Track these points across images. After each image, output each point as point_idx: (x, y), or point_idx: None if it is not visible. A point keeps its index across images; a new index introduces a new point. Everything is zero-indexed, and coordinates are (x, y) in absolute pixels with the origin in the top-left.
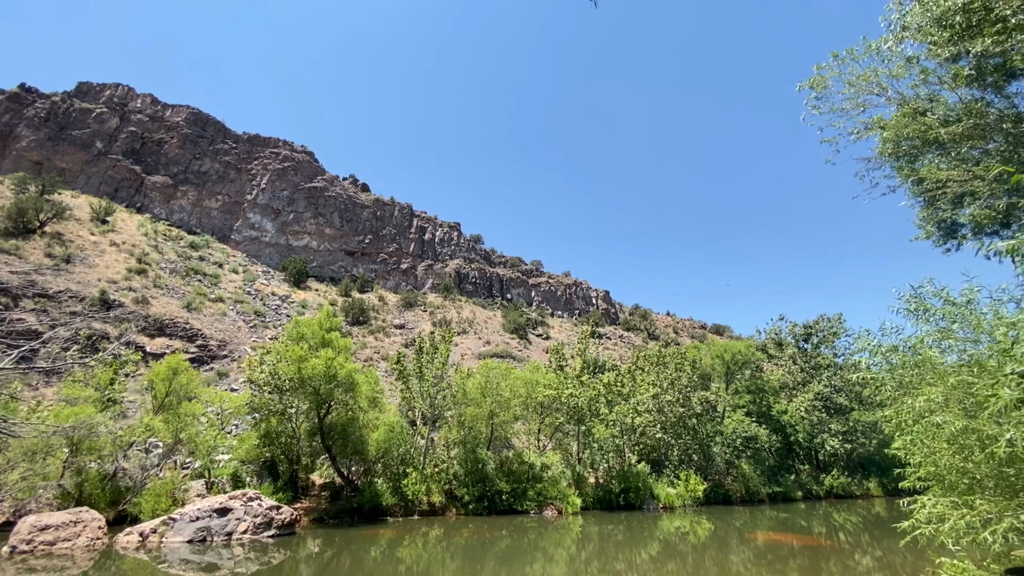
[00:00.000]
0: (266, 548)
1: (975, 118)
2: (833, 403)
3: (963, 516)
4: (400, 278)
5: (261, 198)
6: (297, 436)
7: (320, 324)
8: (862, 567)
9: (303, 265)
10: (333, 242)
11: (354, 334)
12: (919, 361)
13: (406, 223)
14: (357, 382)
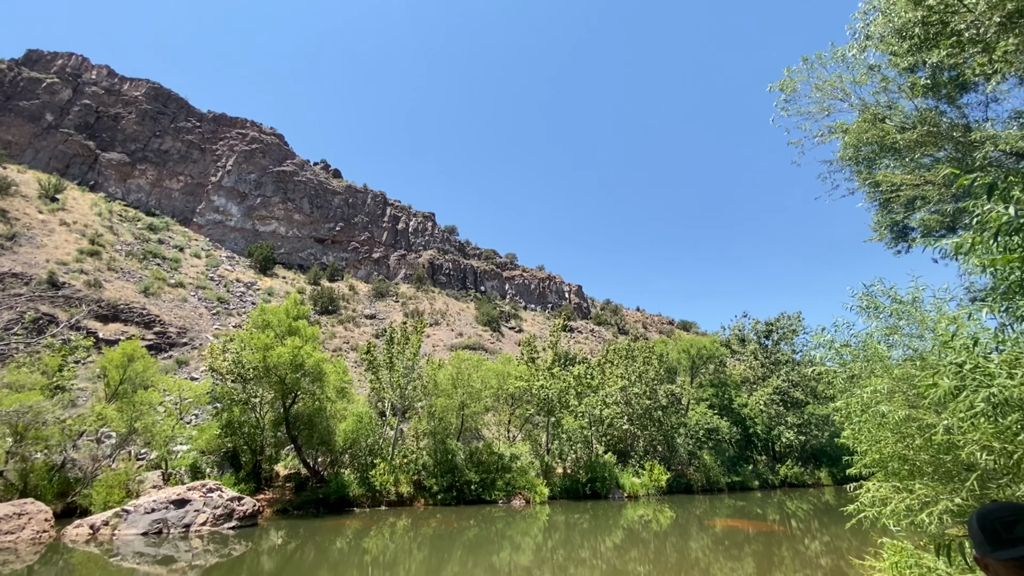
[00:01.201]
0: (227, 540)
1: (928, 126)
2: (790, 397)
3: (903, 500)
4: (372, 267)
5: (226, 180)
6: (261, 426)
7: (287, 312)
8: (811, 551)
9: (270, 251)
10: (302, 228)
11: (323, 323)
12: (868, 355)
13: (379, 211)
14: (325, 372)
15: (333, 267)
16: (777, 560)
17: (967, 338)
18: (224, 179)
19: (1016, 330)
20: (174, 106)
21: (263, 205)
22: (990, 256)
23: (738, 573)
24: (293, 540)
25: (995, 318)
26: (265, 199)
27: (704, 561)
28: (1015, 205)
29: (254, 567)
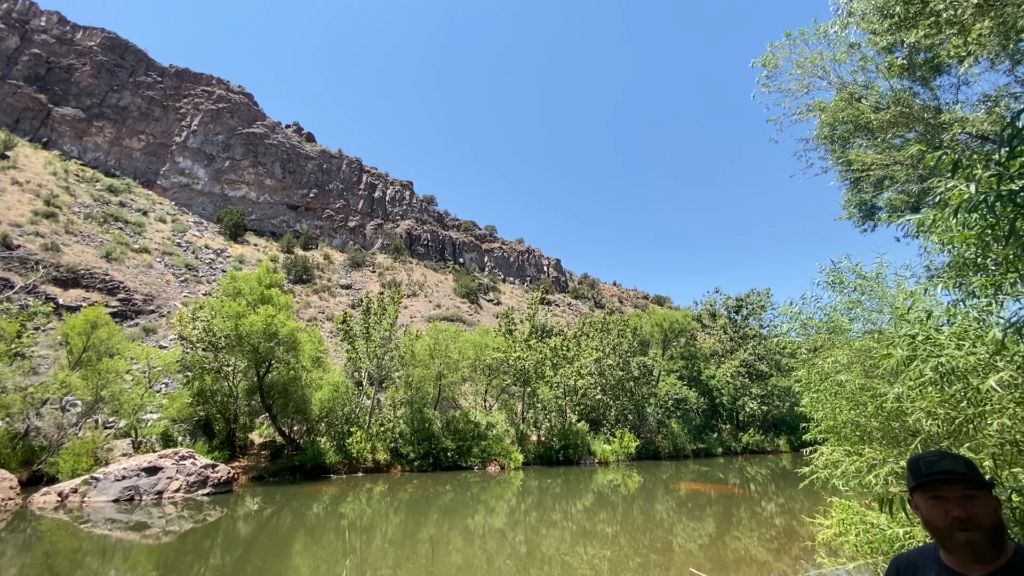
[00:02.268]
0: (201, 506)
1: (902, 107)
2: (755, 370)
3: (853, 463)
4: (347, 236)
5: (192, 141)
6: (234, 395)
7: (259, 280)
8: (767, 512)
9: (240, 217)
10: (274, 194)
11: (297, 293)
12: (831, 328)
13: (355, 178)
14: (300, 341)
15: (307, 235)
16: (735, 520)
17: (921, 312)
18: (189, 140)
19: (967, 305)
20: (132, 59)
21: (232, 169)
22: (949, 233)
23: (699, 533)
24: (269, 506)
25: (949, 294)
26: (234, 162)
27: (668, 522)
28: (976, 183)
29: (230, 532)
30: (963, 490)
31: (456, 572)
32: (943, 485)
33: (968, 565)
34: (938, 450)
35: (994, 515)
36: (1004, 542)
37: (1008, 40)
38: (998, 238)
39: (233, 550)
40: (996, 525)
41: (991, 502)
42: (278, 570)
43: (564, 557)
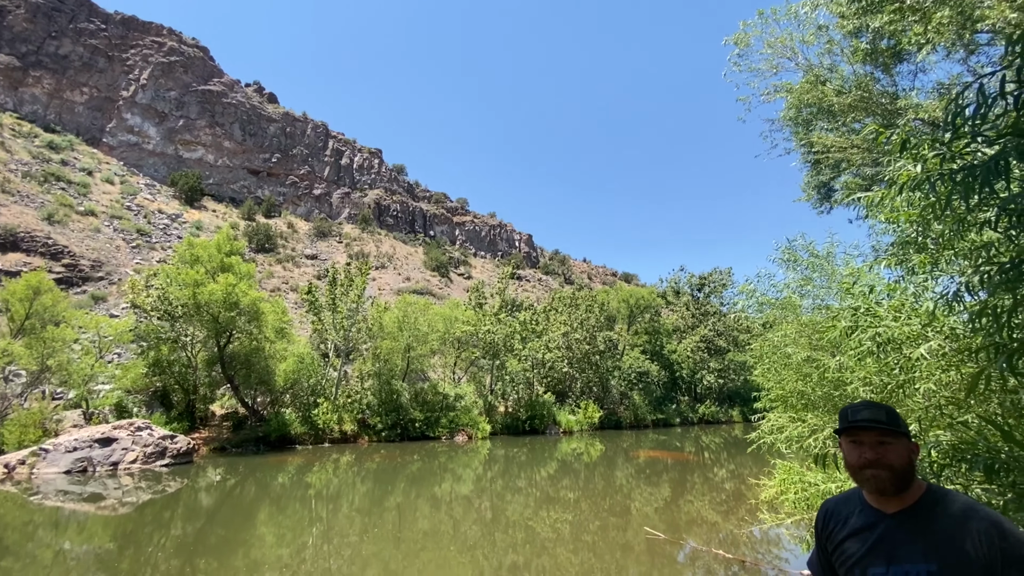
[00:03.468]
0: (160, 477)
1: (862, 91)
2: (714, 345)
3: (797, 428)
4: (313, 204)
5: (141, 96)
6: (193, 365)
7: (219, 247)
8: (719, 477)
9: (197, 181)
10: (234, 157)
11: (259, 262)
12: (783, 303)
13: (320, 144)
14: (262, 311)
15: (270, 202)
16: (689, 485)
17: (864, 286)
18: (138, 95)
19: (906, 281)
20: (73, 2)
21: (186, 128)
22: (895, 213)
23: (655, 497)
24: (232, 476)
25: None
26: (189, 121)
27: (627, 488)
28: (922, 163)
29: (191, 503)
30: (878, 436)
31: (423, 538)
32: (861, 431)
33: (877, 499)
34: (865, 401)
35: (902, 459)
36: (911, 482)
37: (964, 30)
38: (937, 216)
39: (195, 520)
40: (903, 467)
41: (902, 447)
42: (242, 539)
43: (528, 521)
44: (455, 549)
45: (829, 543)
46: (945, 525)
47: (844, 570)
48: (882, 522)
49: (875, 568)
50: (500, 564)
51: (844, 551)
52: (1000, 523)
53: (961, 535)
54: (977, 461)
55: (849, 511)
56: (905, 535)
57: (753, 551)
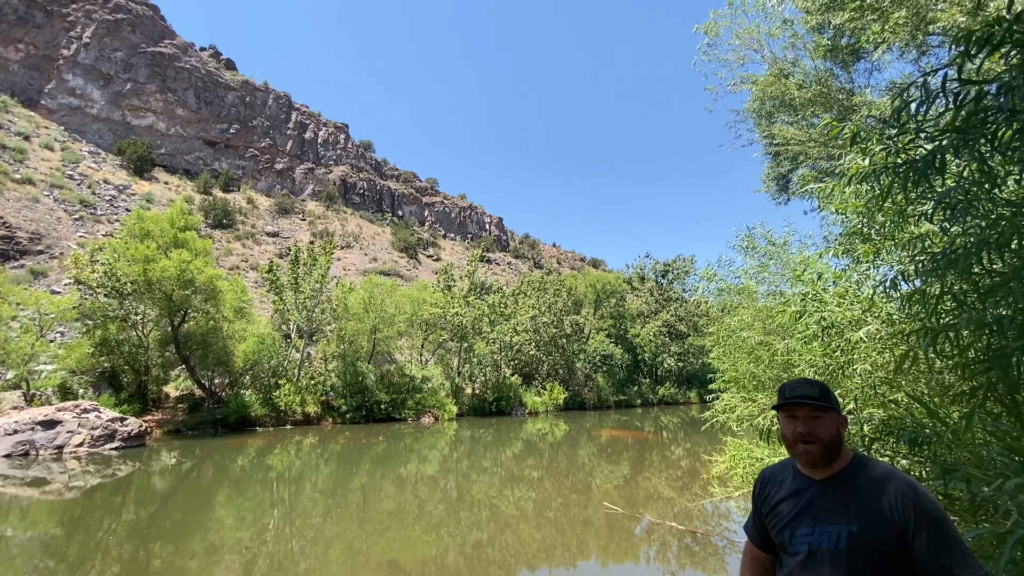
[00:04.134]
0: (109, 461)
1: (821, 86)
2: (675, 330)
3: (747, 408)
4: (274, 180)
5: (84, 56)
6: (145, 345)
7: (172, 221)
8: (675, 454)
9: (147, 150)
10: (188, 127)
11: (216, 238)
12: (740, 289)
13: (283, 116)
14: (220, 289)
15: (228, 175)
16: (648, 463)
17: (813, 273)
18: (81, 54)
19: (851, 269)
20: None
21: (135, 93)
22: (844, 204)
23: (615, 474)
24: (188, 459)
25: (840, 260)
26: (137, 86)
27: (589, 466)
28: (870, 157)
29: (144, 486)
30: (811, 411)
31: (387, 517)
32: (796, 407)
33: (809, 469)
34: (801, 378)
35: (832, 432)
36: (839, 452)
37: (918, 31)
38: (880, 208)
39: (148, 504)
40: (833, 439)
41: (832, 421)
42: (200, 522)
43: (493, 500)
44: (420, 528)
45: (764, 507)
46: (866, 490)
47: (776, 531)
48: (811, 488)
49: (802, 529)
50: (464, 541)
51: (777, 514)
52: (915, 487)
53: (880, 498)
54: (903, 435)
55: (784, 478)
56: (831, 499)
57: (704, 523)
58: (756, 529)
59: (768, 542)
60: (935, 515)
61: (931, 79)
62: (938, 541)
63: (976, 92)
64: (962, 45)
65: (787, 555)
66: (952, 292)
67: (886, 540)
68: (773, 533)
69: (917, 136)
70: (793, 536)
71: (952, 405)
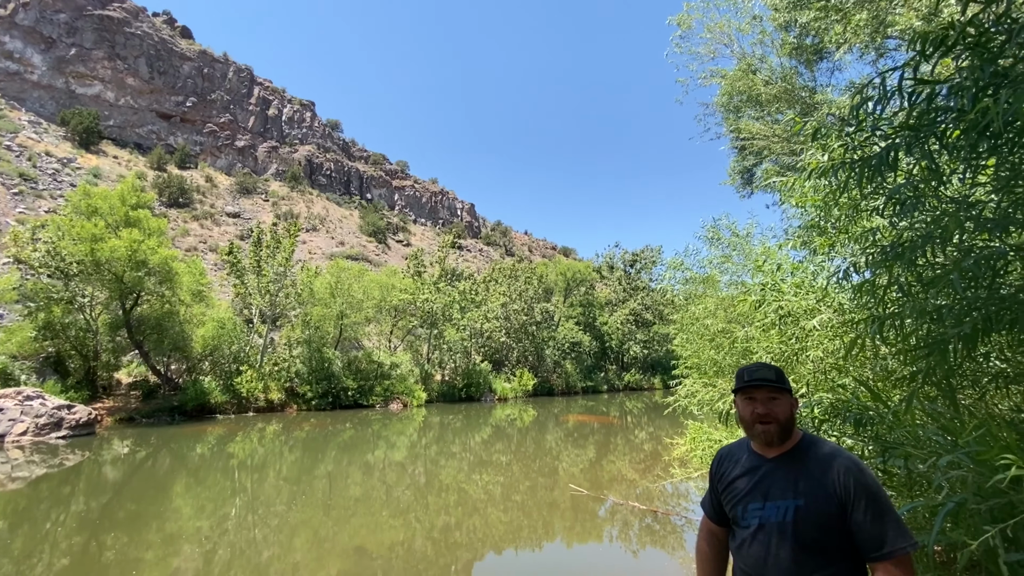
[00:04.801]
0: (56, 450)
1: (787, 84)
2: (642, 318)
3: (708, 392)
4: (235, 157)
5: (22, 17)
6: (93, 329)
7: (122, 198)
8: (639, 438)
9: (93, 121)
10: (140, 98)
11: (172, 218)
12: (705, 279)
13: (244, 90)
14: (176, 271)
15: (184, 151)
16: (612, 446)
17: (772, 264)
18: (18, 15)
19: (808, 261)
20: None
21: (80, 59)
22: (803, 198)
23: (581, 458)
24: (143, 448)
25: (797, 252)
26: (83, 51)
27: (556, 450)
28: (829, 153)
29: (95, 477)
30: (768, 393)
31: (354, 504)
32: (755, 389)
33: (764, 448)
34: (759, 362)
35: (788, 412)
36: (792, 431)
37: (877, 33)
38: (836, 203)
39: (100, 495)
40: (788, 420)
41: (787, 403)
42: (156, 512)
43: (461, 484)
44: (387, 514)
45: (720, 484)
46: (813, 467)
47: (730, 506)
48: (764, 465)
49: (754, 504)
50: (432, 526)
51: (732, 490)
52: (857, 464)
53: (826, 474)
54: (849, 417)
55: (739, 456)
56: (781, 476)
57: (665, 503)
58: (712, 505)
59: (723, 517)
60: (873, 490)
61: (889, 77)
62: (874, 513)
63: (928, 92)
64: (918, 46)
65: (739, 528)
66: (898, 283)
67: (829, 513)
68: (727, 508)
69: (873, 134)
70: (745, 511)
71: (894, 389)
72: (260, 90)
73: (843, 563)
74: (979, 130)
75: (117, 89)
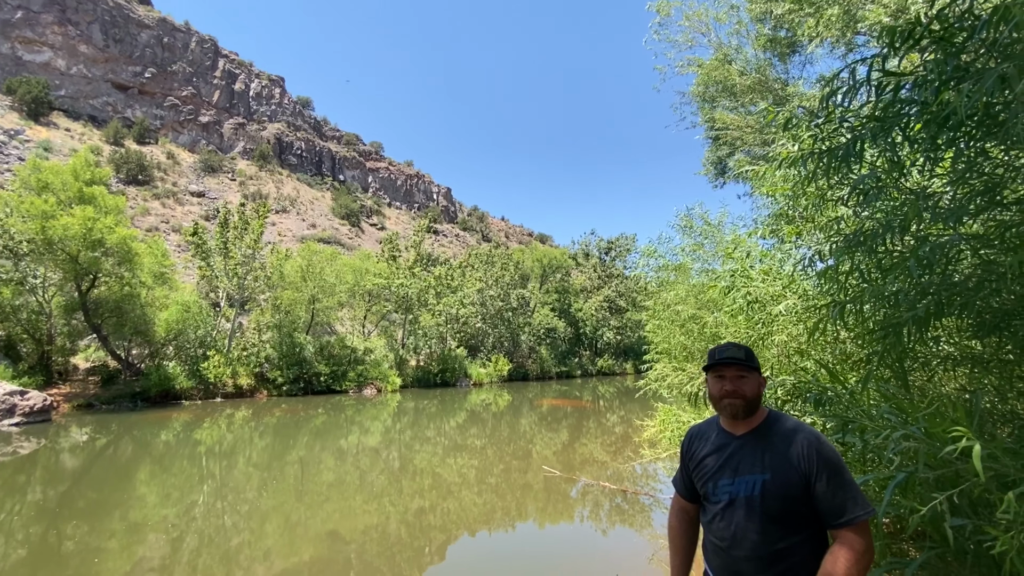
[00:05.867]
0: (9, 438)
1: (760, 75)
2: (615, 305)
3: (678, 376)
4: (199, 134)
5: None
6: (46, 311)
7: (76, 173)
8: (611, 421)
9: (43, 90)
10: (93, 67)
11: (131, 195)
12: (677, 266)
13: (208, 63)
14: (136, 252)
15: (143, 125)
16: (585, 429)
17: (742, 252)
18: None
19: (776, 248)
20: None
21: (27, 23)
22: (774, 187)
23: (555, 441)
24: (103, 435)
25: (766, 240)
26: (30, 15)
27: (530, 433)
28: (799, 143)
29: (52, 465)
30: (737, 371)
31: (327, 489)
32: (724, 367)
33: (730, 424)
34: (729, 342)
35: (754, 390)
36: (758, 408)
37: (848, 28)
38: (804, 192)
39: (58, 483)
40: (754, 396)
41: (754, 381)
42: (119, 501)
43: (435, 468)
44: (361, 498)
45: (691, 462)
46: (778, 442)
47: (701, 483)
48: (732, 443)
49: (724, 479)
50: (406, 509)
51: (702, 467)
52: (818, 437)
53: (790, 448)
54: (810, 397)
55: (709, 435)
56: (749, 452)
57: (634, 484)
58: (683, 482)
59: (694, 493)
60: (834, 461)
61: (858, 68)
62: (835, 483)
63: (895, 84)
64: (887, 39)
65: (710, 503)
66: (859, 269)
67: (793, 485)
68: (698, 485)
69: (840, 125)
70: (716, 487)
71: (851, 372)
72: (225, 63)
73: (806, 531)
74: (940, 121)
75: (69, 57)
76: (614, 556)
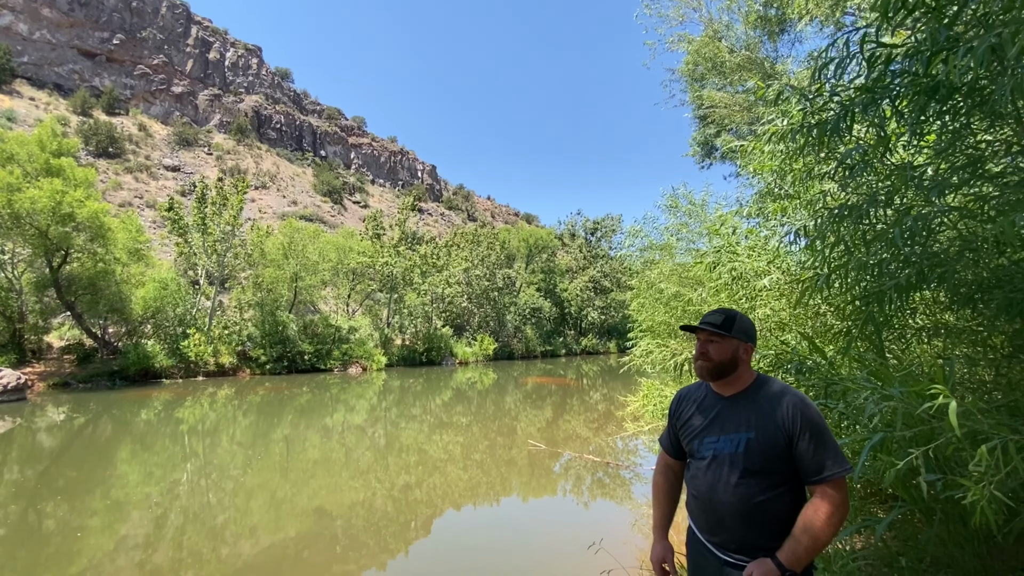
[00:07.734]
0: None
1: (750, 52)
2: (600, 285)
3: (662, 352)
4: (172, 105)
5: None
6: (17, 289)
7: (42, 144)
8: (594, 399)
9: (4, 56)
10: (58, 32)
11: (101, 169)
12: (662, 246)
13: (180, 29)
14: (108, 227)
15: (112, 95)
16: (569, 407)
17: (729, 228)
18: None
19: (761, 226)
20: None
21: None
22: (761, 164)
23: (539, 418)
24: (81, 414)
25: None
26: None
27: (515, 411)
28: (788, 118)
29: (28, 444)
30: (708, 335)
31: (312, 467)
32: (701, 331)
33: (720, 385)
34: (718, 308)
35: (722, 354)
36: (728, 372)
37: (837, 7)
38: (791, 169)
39: (35, 463)
40: (721, 361)
41: (727, 345)
42: (99, 479)
43: (421, 445)
44: (347, 475)
45: (679, 421)
46: (764, 403)
47: (687, 441)
48: (720, 403)
49: (710, 437)
50: (393, 485)
51: (689, 426)
52: (802, 399)
53: (775, 409)
54: (791, 367)
55: (698, 396)
56: (735, 412)
57: (616, 457)
58: (670, 440)
59: (679, 451)
60: (816, 422)
61: (851, 38)
62: (816, 442)
63: (886, 55)
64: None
65: (695, 460)
66: (844, 241)
67: (776, 444)
68: (685, 443)
69: (831, 99)
70: (701, 444)
71: (830, 344)
72: (199, 30)
73: (784, 486)
74: (928, 91)
75: (31, 21)
76: (597, 524)
